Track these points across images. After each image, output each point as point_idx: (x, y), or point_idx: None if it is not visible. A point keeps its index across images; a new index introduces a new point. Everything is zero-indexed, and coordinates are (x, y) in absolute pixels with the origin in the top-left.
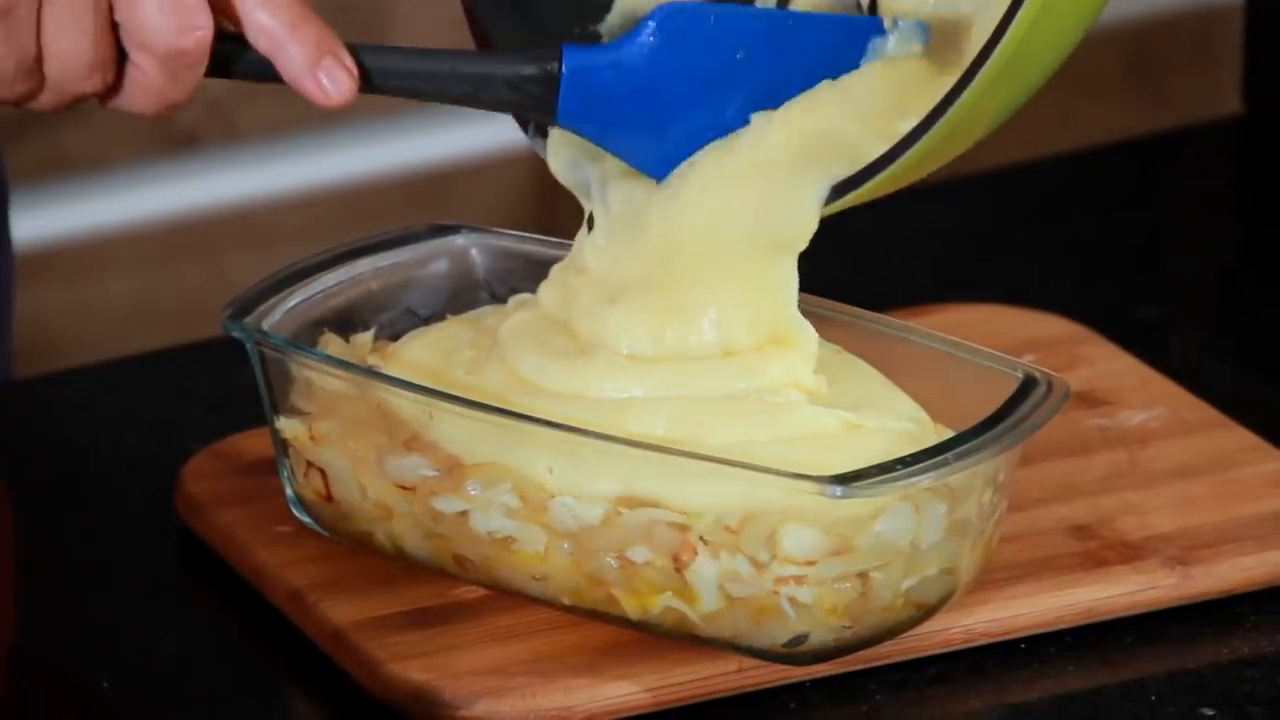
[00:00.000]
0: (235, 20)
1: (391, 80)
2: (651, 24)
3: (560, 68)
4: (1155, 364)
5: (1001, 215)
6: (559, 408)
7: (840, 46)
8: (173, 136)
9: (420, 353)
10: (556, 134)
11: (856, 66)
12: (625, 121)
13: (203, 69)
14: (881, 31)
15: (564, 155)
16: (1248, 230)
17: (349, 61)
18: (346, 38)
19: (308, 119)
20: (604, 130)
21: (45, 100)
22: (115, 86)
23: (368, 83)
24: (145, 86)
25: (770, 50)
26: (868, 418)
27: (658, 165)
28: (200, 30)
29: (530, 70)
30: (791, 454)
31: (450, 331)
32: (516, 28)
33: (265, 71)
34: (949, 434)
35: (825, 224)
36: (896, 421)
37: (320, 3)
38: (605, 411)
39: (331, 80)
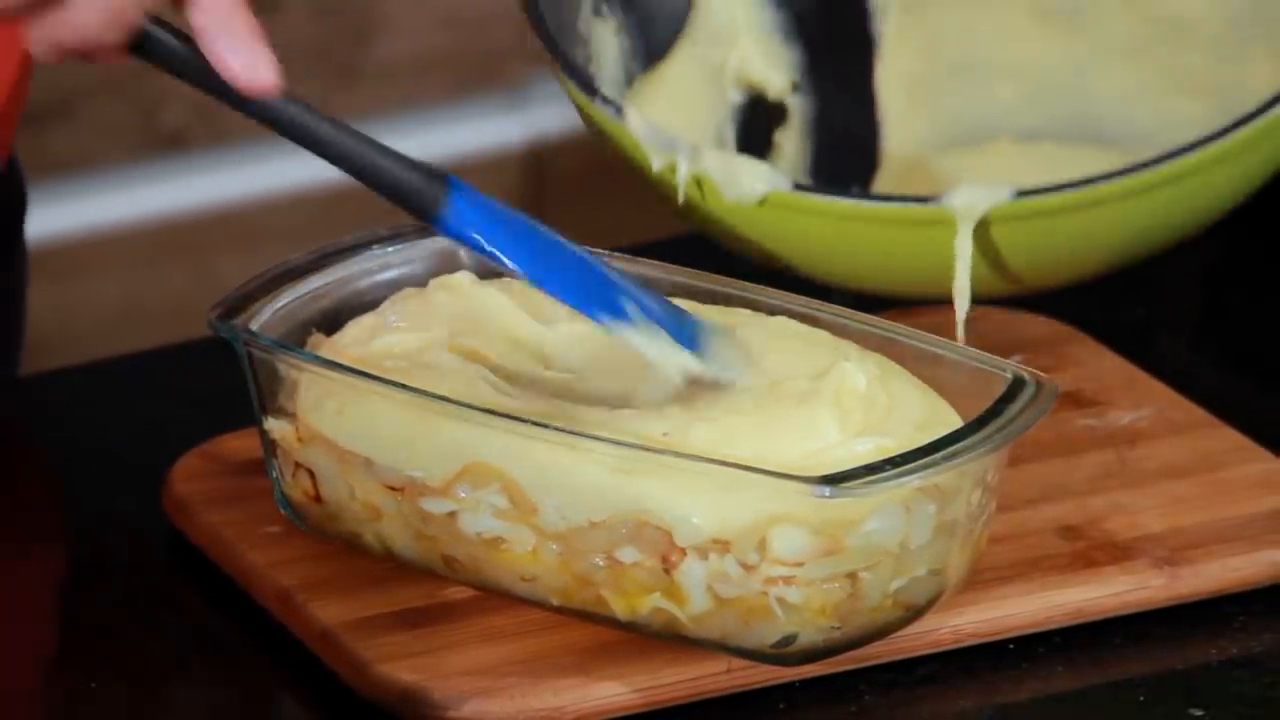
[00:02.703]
0: None
1: (296, 122)
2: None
3: (449, 183)
4: (1143, 364)
5: None
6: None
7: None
8: (161, 137)
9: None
10: None
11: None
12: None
13: None
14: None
15: None
16: (1235, 231)
17: (271, 55)
18: (334, 37)
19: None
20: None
21: None
22: None
23: (280, 107)
24: None
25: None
26: (896, 436)
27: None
28: None
29: (418, 183)
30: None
31: (366, 325)
32: None
33: (183, 57)
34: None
35: None
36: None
37: (308, 4)
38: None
39: (254, 65)
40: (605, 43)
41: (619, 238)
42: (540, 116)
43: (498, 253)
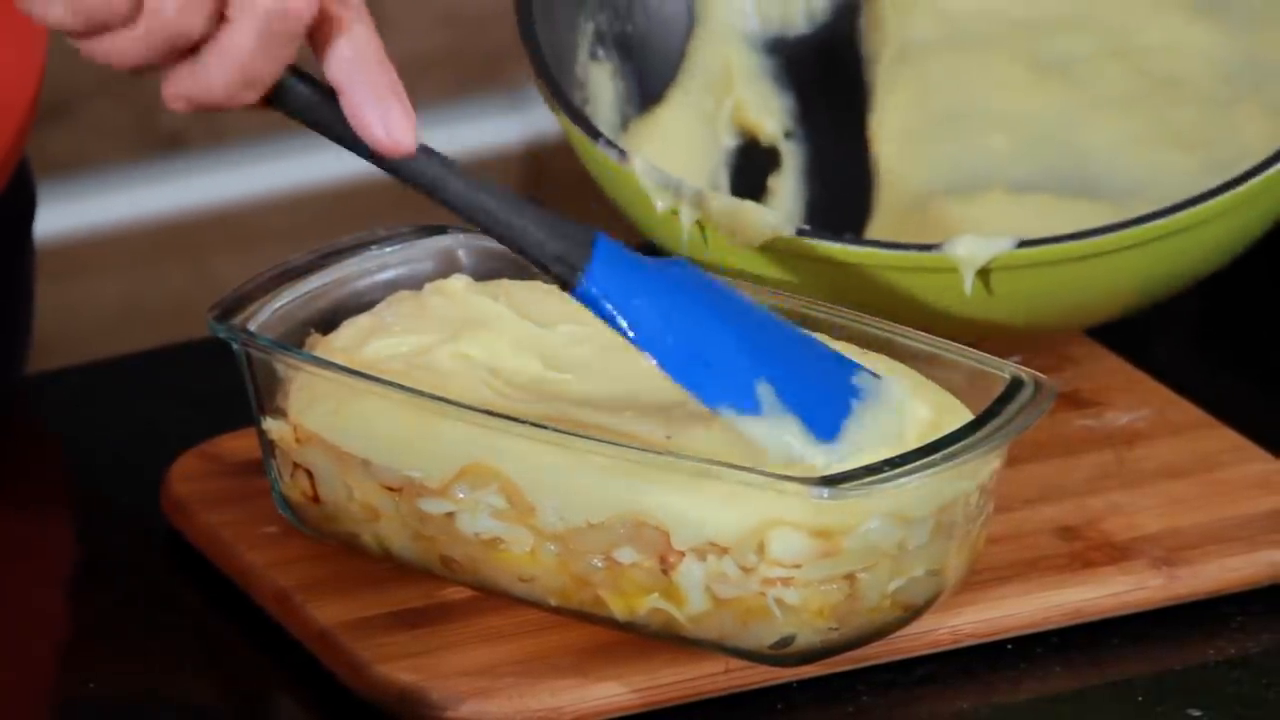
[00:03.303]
0: (319, 44)
1: (434, 181)
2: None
3: (593, 246)
4: (1142, 365)
5: None
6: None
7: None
8: (160, 137)
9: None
10: None
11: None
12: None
13: (295, 46)
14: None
15: None
16: None
17: (411, 113)
18: None
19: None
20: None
21: (134, 36)
22: (201, 44)
23: (417, 166)
24: (231, 53)
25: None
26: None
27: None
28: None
29: (560, 247)
30: None
31: (360, 326)
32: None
33: (318, 110)
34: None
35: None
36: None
37: None
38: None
39: (391, 125)
40: (601, 86)
41: (617, 238)
42: (539, 117)
43: (626, 330)
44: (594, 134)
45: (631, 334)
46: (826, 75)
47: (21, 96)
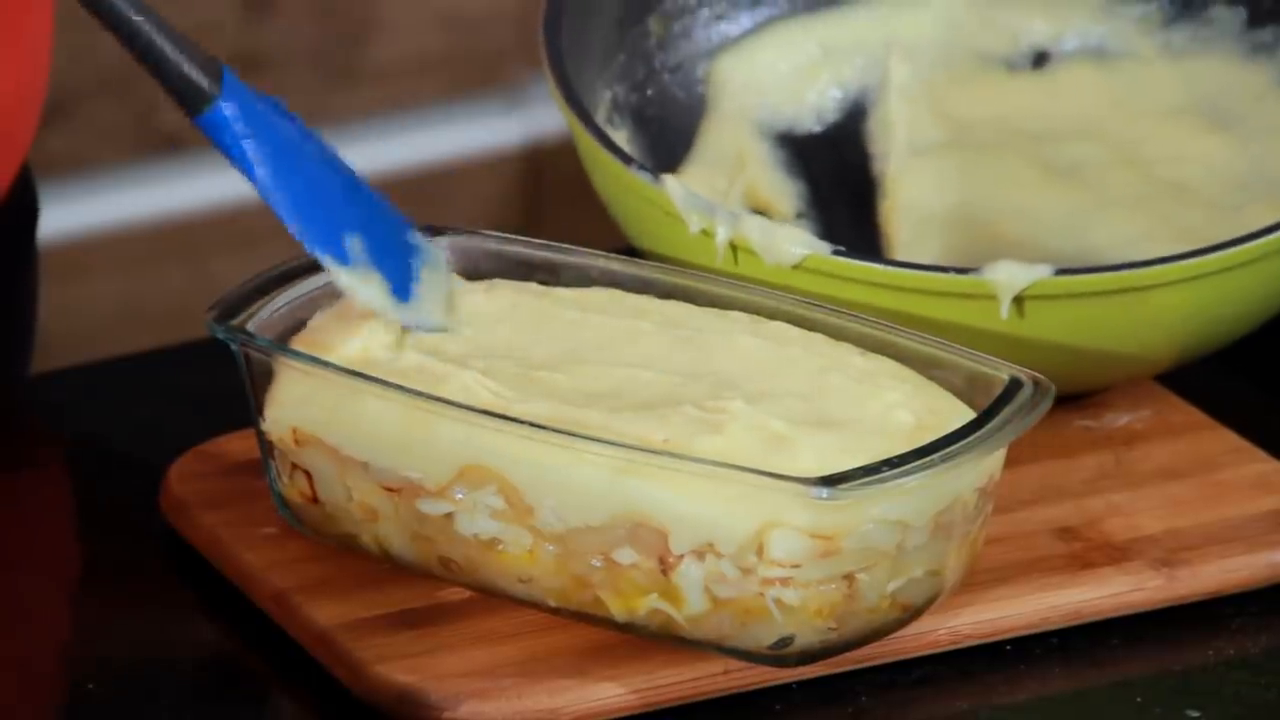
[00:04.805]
0: None
1: None
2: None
3: (223, 80)
4: None
5: None
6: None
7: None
8: (158, 138)
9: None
10: None
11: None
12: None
13: None
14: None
15: None
16: None
17: None
18: (332, 38)
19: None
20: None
21: None
22: None
23: None
24: None
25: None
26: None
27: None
28: None
29: (195, 74)
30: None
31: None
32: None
33: None
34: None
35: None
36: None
37: (305, 5)
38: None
39: None
40: None
41: (616, 240)
42: (538, 118)
43: (245, 164)
44: (626, 159)
45: (250, 169)
46: (836, 168)
47: (29, 109)
